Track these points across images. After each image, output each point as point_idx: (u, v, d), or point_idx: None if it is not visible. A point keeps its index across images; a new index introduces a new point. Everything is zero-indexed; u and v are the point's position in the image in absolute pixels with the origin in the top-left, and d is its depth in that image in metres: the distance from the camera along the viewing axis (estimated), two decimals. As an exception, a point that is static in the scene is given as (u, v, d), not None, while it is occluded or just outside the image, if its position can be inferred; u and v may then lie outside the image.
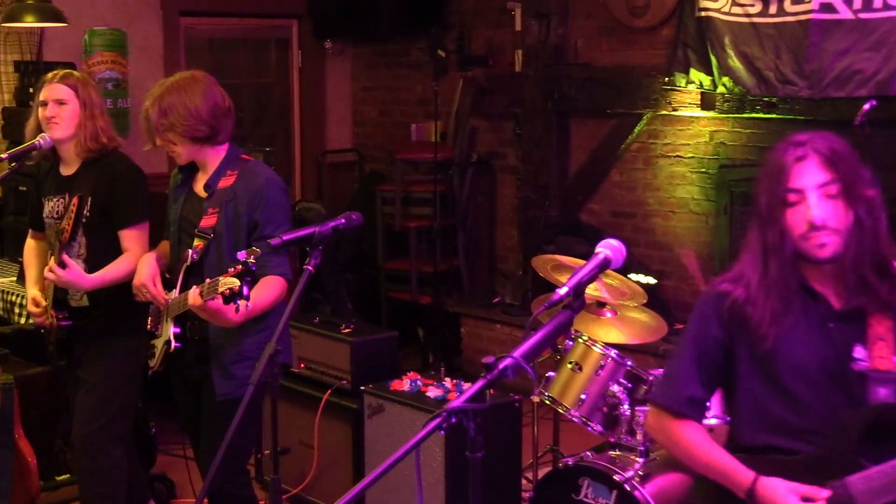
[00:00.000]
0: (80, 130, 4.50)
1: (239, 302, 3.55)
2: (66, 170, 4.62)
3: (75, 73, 4.70)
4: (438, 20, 8.33)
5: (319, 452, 5.45)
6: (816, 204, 2.77)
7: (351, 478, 5.25)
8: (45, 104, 4.50)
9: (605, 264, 2.82)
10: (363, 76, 9.28)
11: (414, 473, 2.32)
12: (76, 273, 4.35)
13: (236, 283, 3.48)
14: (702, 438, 2.95)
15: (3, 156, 5.08)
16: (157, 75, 7.81)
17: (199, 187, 4.23)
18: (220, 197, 4.11)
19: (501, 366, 2.37)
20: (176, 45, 8.17)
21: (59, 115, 4.48)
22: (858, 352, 2.83)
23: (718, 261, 6.40)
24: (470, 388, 2.32)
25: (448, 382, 5.14)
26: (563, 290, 2.65)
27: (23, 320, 5.97)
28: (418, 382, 5.14)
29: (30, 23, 6.74)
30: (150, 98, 4.08)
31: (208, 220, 4.09)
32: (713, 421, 4.19)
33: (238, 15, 8.64)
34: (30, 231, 4.91)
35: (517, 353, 2.41)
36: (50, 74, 4.62)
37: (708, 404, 3.16)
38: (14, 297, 6.09)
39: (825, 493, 2.73)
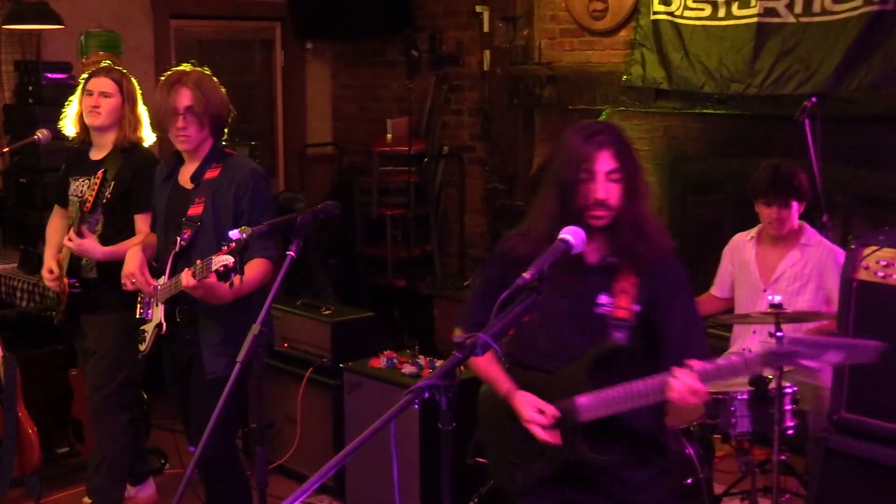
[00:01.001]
0: (123, 121, 4.66)
1: (233, 276, 3.57)
2: (96, 154, 4.75)
3: (119, 67, 4.82)
4: (412, 22, 8.33)
5: (302, 426, 5.46)
6: (603, 186, 3.05)
7: (332, 449, 5.26)
8: (90, 94, 4.64)
9: (566, 249, 2.85)
10: (342, 75, 9.27)
11: (390, 444, 2.33)
12: (91, 243, 4.48)
13: (230, 259, 3.51)
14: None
15: (5, 149, 5.08)
16: (149, 74, 7.81)
17: (184, 179, 4.23)
18: (207, 187, 4.12)
19: (471, 344, 2.38)
20: (166, 45, 8.16)
21: (102, 105, 4.61)
22: (602, 299, 3.13)
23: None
24: (442, 366, 2.34)
25: (422, 360, 5.16)
26: (527, 275, 2.67)
27: (24, 304, 5.95)
28: (394, 360, 5.16)
29: (29, 25, 6.71)
30: (190, 84, 4.05)
31: (195, 209, 4.09)
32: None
33: (224, 17, 8.64)
34: (55, 207, 5.00)
35: (486, 332, 2.42)
36: (96, 68, 4.75)
37: None
38: (16, 283, 6.07)
39: (553, 408, 3.08)
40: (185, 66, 4.22)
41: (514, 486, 3.33)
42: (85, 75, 4.77)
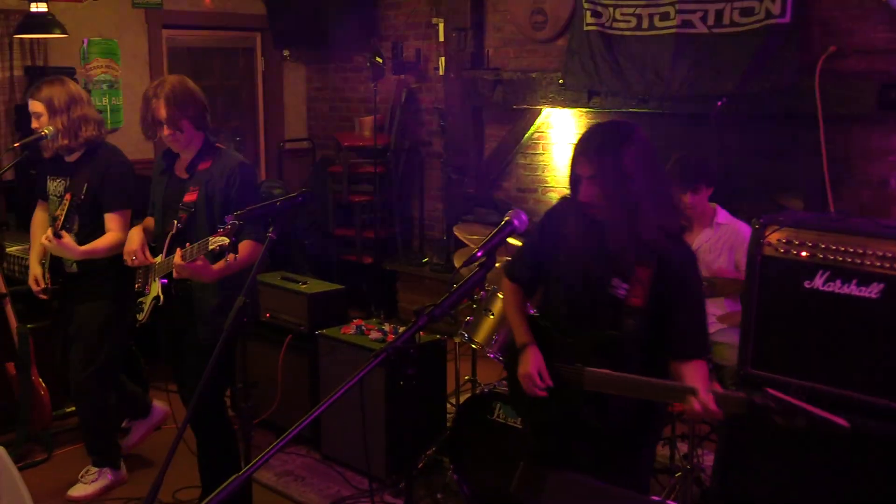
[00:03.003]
0: (61, 132, 4.51)
1: (228, 256, 3.60)
2: (70, 157, 4.64)
3: (44, 82, 4.62)
4: (376, 33, 8.31)
5: (282, 385, 5.45)
6: (585, 189, 3.01)
7: (308, 406, 5.25)
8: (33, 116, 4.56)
9: (511, 230, 2.85)
10: (315, 79, 9.22)
11: (360, 400, 2.33)
12: (68, 243, 4.39)
13: (226, 240, 3.52)
14: (515, 297, 3.35)
15: (16, 145, 5.04)
16: (144, 78, 7.76)
17: (179, 171, 4.22)
18: (200, 177, 4.11)
19: (429, 313, 2.38)
20: (159, 53, 8.09)
21: (40, 125, 4.53)
22: (616, 282, 3.03)
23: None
24: (404, 332, 2.34)
25: (387, 327, 5.16)
26: (478, 252, 2.67)
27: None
28: (362, 327, 5.16)
29: (37, 34, 6.65)
30: (160, 98, 4.01)
31: (190, 196, 4.09)
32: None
33: (211, 28, 8.56)
34: (38, 202, 4.92)
35: (442, 302, 2.43)
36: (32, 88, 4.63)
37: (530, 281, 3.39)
38: (27, 262, 6.01)
39: (548, 379, 3.10)
40: (163, 78, 4.15)
41: (532, 420, 3.38)
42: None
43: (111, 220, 4.52)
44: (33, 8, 6.55)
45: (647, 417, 3.12)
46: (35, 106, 4.54)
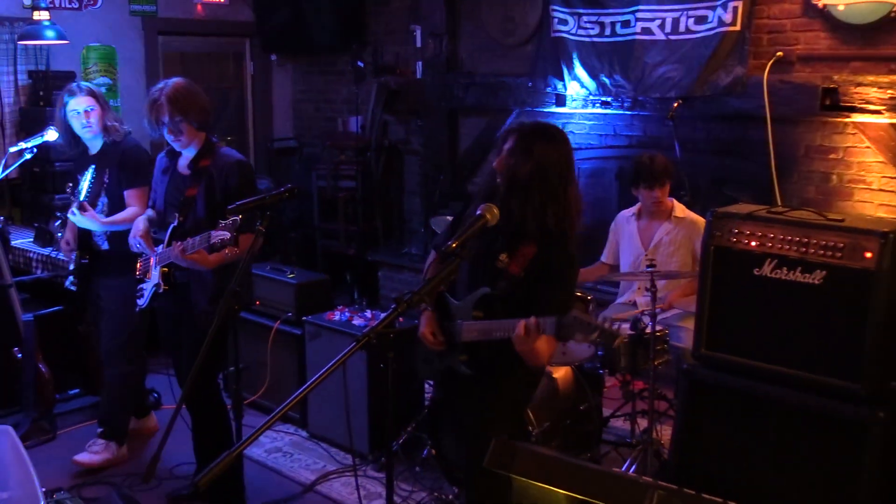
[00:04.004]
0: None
1: (227, 249, 3.64)
2: (94, 150, 4.74)
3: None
4: (358, 39, 8.27)
5: (271, 368, 5.44)
6: (500, 158, 3.27)
7: (296, 387, 5.23)
8: (77, 112, 4.62)
9: (483, 224, 2.86)
10: (301, 82, 9.18)
11: (343, 381, 2.33)
12: (91, 214, 4.52)
13: (227, 234, 3.55)
14: (431, 264, 3.47)
15: (25, 145, 5.05)
16: (140, 81, 7.72)
17: (181, 167, 4.23)
18: (201, 174, 4.13)
19: (407, 300, 2.39)
20: (155, 57, 8.03)
21: (90, 117, 4.62)
22: (503, 256, 3.23)
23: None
24: (384, 317, 2.34)
25: (369, 313, 5.17)
26: (454, 244, 2.68)
27: (39, 272, 5.89)
28: (346, 314, 5.16)
29: (40, 41, 6.61)
30: (165, 100, 4.03)
31: (191, 191, 4.12)
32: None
33: (203, 34, 8.50)
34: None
35: (419, 290, 2.43)
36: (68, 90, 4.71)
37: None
38: (32, 254, 5.99)
39: (440, 335, 3.31)
40: (168, 80, 4.16)
41: (428, 376, 3.62)
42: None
43: (131, 196, 4.61)
44: (36, 16, 6.54)
45: (507, 363, 3.27)
46: (86, 102, 4.60)
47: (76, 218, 4.55)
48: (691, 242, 4.89)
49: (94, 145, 4.71)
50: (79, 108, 4.59)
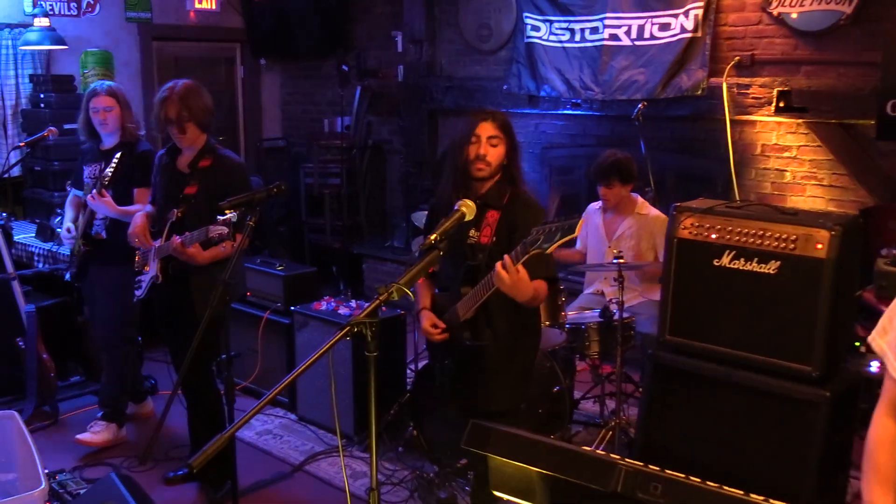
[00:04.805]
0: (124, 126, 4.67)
1: (222, 245, 3.69)
2: (105, 147, 4.71)
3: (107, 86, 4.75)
4: (343, 44, 8.25)
5: (262, 355, 5.43)
6: (484, 145, 3.25)
7: (285, 373, 5.24)
8: (97, 110, 4.61)
9: (461, 217, 2.86)
10: (288, 85, 9.15)
11: (329, 368, 2.33)
12: (109, 201, 4.50)
13: (224, 229, 3.57)
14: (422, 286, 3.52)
15: (22, 144, 5.01)
16: (136, 84, 7.67)
17: (182, 166, 4.21)
18: (200, 173, 4.12)
19: (390, 290, 2.39)
20: (150, 62, 7.99)
21: (107, 117, 4.61)
22: (470, 233, 3.28)
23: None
24: (368, 306, 2.34)
25: (353, 303, 5.16)
26: (433, 236, 2.68)
27: (40, 265, 5.85)
28: (332, 304, 5.15)
29: (40, 46, 6.55)
30: (173, 99, 4.04)
31: (190, 189, 4.10)
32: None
33: (196, 40, 8.46)
34: (71, 193, 4.93)
35: (401, 280, 2.43)
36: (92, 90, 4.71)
37: None
38: (34, 249, 5.94)
39: (441, 324, 3.34)
40: (176, 81, 4.16)
41: (437, 373, 3.58)
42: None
43: (140, 194, 4.59)
44: (37, 23, 6.50)
45: (516, 334, 3.36)
46: (106, 101, 4.58)
47: (94, 202, 4.53)
48: (652, 237, 4.92)
49: (109, 141, 4.69)
50: (98, 107, 4.59)
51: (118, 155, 4.56)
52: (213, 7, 8.36)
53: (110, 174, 4.52)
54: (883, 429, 2.13)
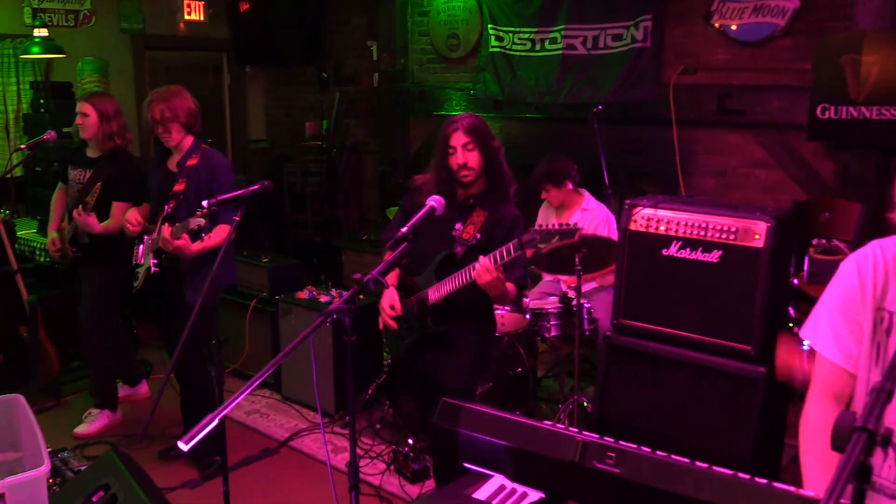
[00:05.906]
0: (98, 133, 4.49)
1: (203, 235, 3.69)
2: (91, 153, 4.61)
3: (99, 88, 4.64)
4: (322, 52, 8.21)
5: (249, 341, 5.41)
6: (461, 154, 3.24)
7: (271, 357, 5.22)
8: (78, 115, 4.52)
9: (431, 212, 2.86)
10: (272, 90, 9.08)
11: (311, 351, 2.32)
12: (93, 221, 4.42)
13: (202, 221, 3.56)
14: (388, 253, 3.37)
15: (23, 146, 4.96)
16: (130, 90, 7.58)
17: (171, 165, 4.20)
18: (188, 171, 4.10)
19: (366, 279, 2.39)
20: (143, 69, 7.88)
21: (84, 122, 4.48)
22: (457, 226, 3.29)
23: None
24: (346, 295, 2.34)
25: (334, 292, 5.15)
26: (404, 230, 2.67)
27: (42, 259, 5.80)
28: (314, 293, 5.14)
29: (40, 55, 6.46)
30: (158, 101, 4.06)
31: (179, 186, 4.08)
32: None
33: (185, 49, 8.37)
34: (59, 184, 4.85)
35: (375, 271, 2.43)
36: (83, 94, 4.67)
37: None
38: (35, 244, 5.88)
39: (399, 305, 3.32)
40: (165, 87, 4.17)
41: (396, 351, 3.56)
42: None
43: (118, 208, 4.49)
44: (37, 33, 6.42)
45: (467, 316, 3.37)
46: (83, 107, 4.47)
47: (80, 220, 4.44)
48: (599, 230, 4.96)
49: (92, 149, 4.59)
50: (77, 112, 4.52)
51: (97, 187, 4.45)
52: (202, 19, 8.28)
53: (91, 202, 4.43)
54: (821, 412, 1.95)
